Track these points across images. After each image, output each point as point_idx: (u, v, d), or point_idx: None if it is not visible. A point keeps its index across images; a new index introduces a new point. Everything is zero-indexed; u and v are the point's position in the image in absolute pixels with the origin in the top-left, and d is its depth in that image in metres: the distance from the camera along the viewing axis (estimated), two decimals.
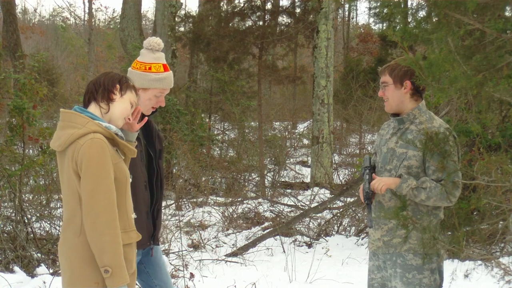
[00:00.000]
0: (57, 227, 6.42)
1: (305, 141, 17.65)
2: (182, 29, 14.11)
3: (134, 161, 3.08)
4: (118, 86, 2.71)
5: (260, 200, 9.61)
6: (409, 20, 3.53)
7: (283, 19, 12.40)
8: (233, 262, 6.50)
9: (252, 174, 12.44)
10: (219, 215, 8.48)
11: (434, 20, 2.83)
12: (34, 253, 5.81)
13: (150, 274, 3.34)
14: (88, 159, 2.53)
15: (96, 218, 2.52)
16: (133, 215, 2.76)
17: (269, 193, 10.75)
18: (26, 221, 6.03)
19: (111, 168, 2.57)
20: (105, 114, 2.71)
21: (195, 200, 9.60)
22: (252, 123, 15.16)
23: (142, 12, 15.03)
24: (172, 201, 9.33)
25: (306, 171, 13.44)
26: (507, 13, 2.90)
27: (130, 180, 2.76)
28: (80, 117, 2.63)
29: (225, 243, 7.31)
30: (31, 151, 8.99)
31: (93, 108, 2.70)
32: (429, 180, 3.07)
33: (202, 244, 7.04)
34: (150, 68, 3.19)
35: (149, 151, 3.28)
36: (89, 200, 2.53)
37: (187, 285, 5.45)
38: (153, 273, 3.35)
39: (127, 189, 2.70)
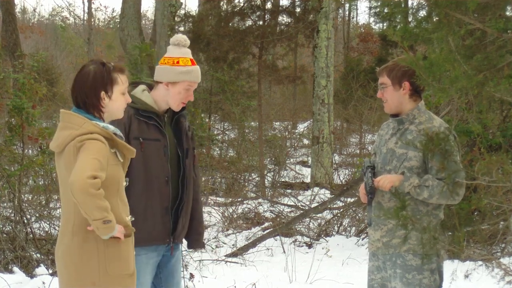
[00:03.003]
0: (57, 228, 6.40)
1: (305, 141, 17.63)
2: (182, 28, 14.07)
3: (154, 156, 3.17)
4: (103, 93, 2.67)
5: (260, 200, 9.59)
6: (410, 19, 3.52)
7: (283, 18, 12.39)
8: (233, 262, 6.49)
9: (252, 174, 12.42)
10: (219, 215, 8.46)
11: (434, 19, 2.82)
12: (33, 253, 5.79)
13: (162, 280, 3.37)
14: (83, 150, 2.52)
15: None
16: (129, 217, 2.73)
17: (269, 193, 10.73)
18: (25, 221, 6.02)
19: (106, 159, 2.55)
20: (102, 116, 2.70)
21: None
22: (252, 123, 15.14)
23: (141, 11, 15.04)
24: None
25: (306, 171, 13.42)
26: (508, 13, 2.90)
27: (126, 184, 2.73)
28: (78, 117, 2.61)
29: (225, 243, 7.30)
30: (30, 151, 8.98)
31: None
32: (431, 178, 3.06)
33: None
34: (178, 62, 3.25)
35: (178, 150, 3.32)
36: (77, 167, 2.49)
37: (187, 286, 5.43)
38: (164, 280, 3.38)
39: (118, 192, 2.66)
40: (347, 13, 28.90)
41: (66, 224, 2.61)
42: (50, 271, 5.50)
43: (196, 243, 3.54)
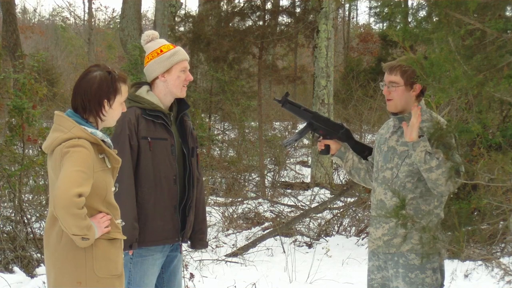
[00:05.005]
0: None
1: (305, 141, 17.63)
2: (182, 29, 14.09)
3: (162, 155, 3.21)
4: (106, 101, 2.67)
5: (260, 200, 9.60)
6: (410, 20, 3.53)
7: (283, 18, 12.39)
8: (233, 262, 6.49)
9: (252, 174, 12.42)
10: (219, 215, 8.47)
11: (434, 20, 2.82)
12: (33, 253, 5.81)
13: (165, 280, 3.40)
14: (67, 159, 2.52)
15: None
16: (120, 221, 2.74)
17: (269, 193, 10.73)
18: (25, 221, 6.03)
19: (91, 167, 2.54)
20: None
21: None
22: (252, 123, 15.15)
23: (142, 12, 15.03)
24: None
25: (306, 171, 13.42)
26: (507, 13, 2.90)
27: (115, 189, 2.73)
28: (68, 121, 2.61)
29: (225, 243, 7.30)
30: (30, 151, 8.97)
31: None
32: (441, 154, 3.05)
33: None
34: (161, 50, 3.31)
35: (183, 148, 3.34)
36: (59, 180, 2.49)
37: (187, 285, 5.44)
38: (167, 280, 3.41)
39: (106, 198, 2.65)
40: (347, 13, 28.93)
41: (52, 225, 2.60)
42: None
43: (200, 242, 3.56)
